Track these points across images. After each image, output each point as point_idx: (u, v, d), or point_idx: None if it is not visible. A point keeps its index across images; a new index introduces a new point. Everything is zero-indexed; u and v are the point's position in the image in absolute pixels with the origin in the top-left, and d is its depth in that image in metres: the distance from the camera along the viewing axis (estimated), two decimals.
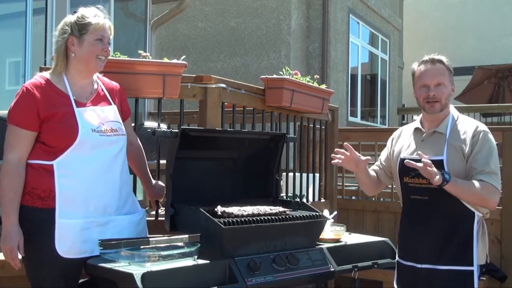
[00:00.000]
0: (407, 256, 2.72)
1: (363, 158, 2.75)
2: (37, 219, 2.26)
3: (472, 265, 2.56)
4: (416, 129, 2.79)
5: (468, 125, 2.68)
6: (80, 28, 2.35)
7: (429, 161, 2.46)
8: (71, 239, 2.25)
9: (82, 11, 2.39)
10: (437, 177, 2.44)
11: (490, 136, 2.66)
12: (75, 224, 2.27)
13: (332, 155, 2.79)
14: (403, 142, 2.82)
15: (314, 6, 8.96)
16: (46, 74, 2.38)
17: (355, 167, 2.78)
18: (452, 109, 2.76)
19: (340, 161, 2.73)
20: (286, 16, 8.58)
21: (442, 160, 2.59)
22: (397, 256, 2.81)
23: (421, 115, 2.83)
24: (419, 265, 2.65)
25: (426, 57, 2.73)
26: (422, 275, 2.63)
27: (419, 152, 2.56)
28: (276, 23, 8.62)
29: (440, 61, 2.70)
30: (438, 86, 2.66)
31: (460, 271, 2.57)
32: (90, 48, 2.35)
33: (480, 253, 2.60)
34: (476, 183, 2.52)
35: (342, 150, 2.74)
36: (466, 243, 2.58)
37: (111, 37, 2.44)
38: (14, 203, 2.24)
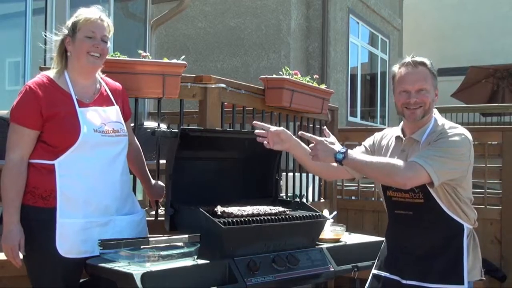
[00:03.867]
0: (391, 270, 2.51)
1: (273, 128, 2.45)
2: (39, 218, 2.26)
3: (462, 283, 2.34)
4: (397, 138, 2.53)
5: (442, 129, 2.41)
6: (74, 27, 2.37)
7: (321, 140, 2.30)
8: (71, 239, 2.25)
9: (79, 11, 2.40)
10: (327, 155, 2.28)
11: (456, 138, 2.34)
12: (75, 224, 2.27)
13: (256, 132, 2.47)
14: (384, 152, 2.57)
15: (314, 6, 8.96)
16: (50, 73, 2.39)
17: (283, 145, 2.47)
18: (437, 115, 2.49)
19: (267, 142, 2.43)
20: (286, 16, 8.59)
21: None
22: (375, 268, 2.59)
23: (402, 122, 2.56)
24: (404, 281, 2.43)
25: (408, 59, 2.44)
26: None
27: (305, 134, 2.36)
28: (276, 23, 8.62)
29: (423, 64, 2.41)
30: (420, 92, 2.38)
31: None
32: (80, 44, 2.35)
33: (471, 268, 2.39)
34: (388, 160, 2.33)
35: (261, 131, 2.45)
36: (456, 259, 2.37)
37: (109, 35, 2.43)
38: (15, 202, 2.24)
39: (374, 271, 2.60)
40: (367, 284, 2.61)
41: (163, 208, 2.71)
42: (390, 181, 2.34)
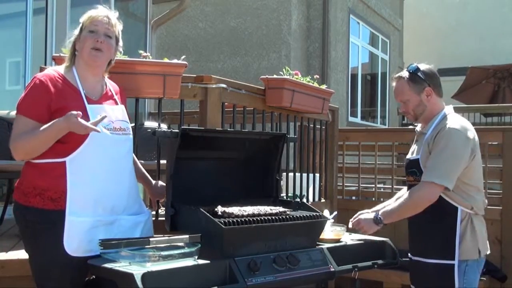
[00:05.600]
0: (409, 249, 2.88)
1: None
2: (47, 220, 2.23)
3: (452, 259, 2.63)
4: (417, 130, 2.94)
5: (442, 123, 2.70)
6: (81, 27, 2.41)
7: (359, 220, 2.83)
8: (79, 238, 2.24)
9: (88, 12, 2.42)
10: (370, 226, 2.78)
11: (453, 133, 2.63)
12: (83, 223, 2.26)
13: None
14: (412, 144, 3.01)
15: (314, 7, 8.96)
16: (59, 68, 2.40)
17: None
18: (446, 109, 2.79)
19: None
20: (287, 17, 8.59)
21: (417, 159, 2.73)
22: None
23: None
24: (412, 257, 2.82)
25: (395, 74, 2.87)
26: (415, 266, 2.80)
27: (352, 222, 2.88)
28: (277, 23, 8.62)
29: (399, 78, 2.80)
30: (402, 103, 2.81)
31: (441, 264, 2.65)
32: (84, 41, 2.38)
33: (466, 248, 2.64)
34: (405, 199, 2.70)
35: None
36: (449, 238, 2.64)
37: (114, 29, 2.43)
38: (45, 130, 2.19)
39: None
40: None
41: (164, 208, 2.71)
42: (422, 208, 2.66)
